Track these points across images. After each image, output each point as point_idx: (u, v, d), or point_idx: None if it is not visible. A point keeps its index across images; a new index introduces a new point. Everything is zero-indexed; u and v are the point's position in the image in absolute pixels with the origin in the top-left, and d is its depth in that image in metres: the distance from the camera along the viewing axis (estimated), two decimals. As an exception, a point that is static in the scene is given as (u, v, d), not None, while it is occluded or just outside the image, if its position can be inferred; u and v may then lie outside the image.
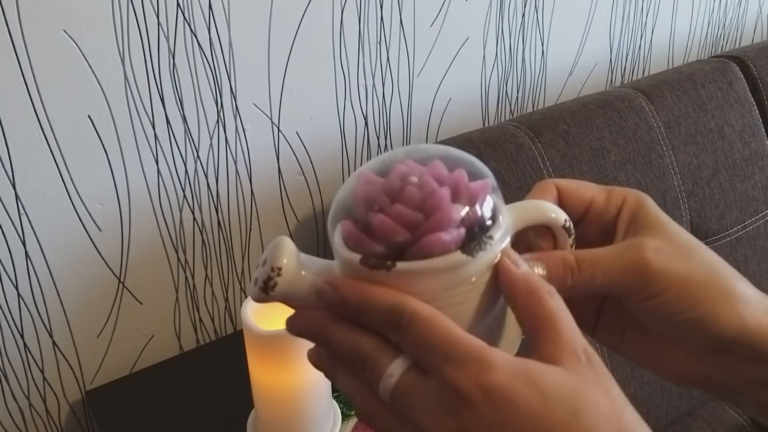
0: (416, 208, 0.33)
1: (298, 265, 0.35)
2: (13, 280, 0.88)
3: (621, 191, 0.39)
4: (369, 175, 0.36)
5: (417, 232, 0.33)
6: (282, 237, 0.37)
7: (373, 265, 0.33)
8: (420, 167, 0.35)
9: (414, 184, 0.34)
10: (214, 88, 0.91)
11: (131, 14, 0.82)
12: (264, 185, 1.01)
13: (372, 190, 0.35)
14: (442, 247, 0.33)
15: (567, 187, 0.39)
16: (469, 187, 0.35)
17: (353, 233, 0.34)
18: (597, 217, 0.38)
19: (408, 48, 1.04)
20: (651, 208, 0.38)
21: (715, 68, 1.15)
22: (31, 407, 0.97)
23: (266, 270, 0.35)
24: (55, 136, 0.84)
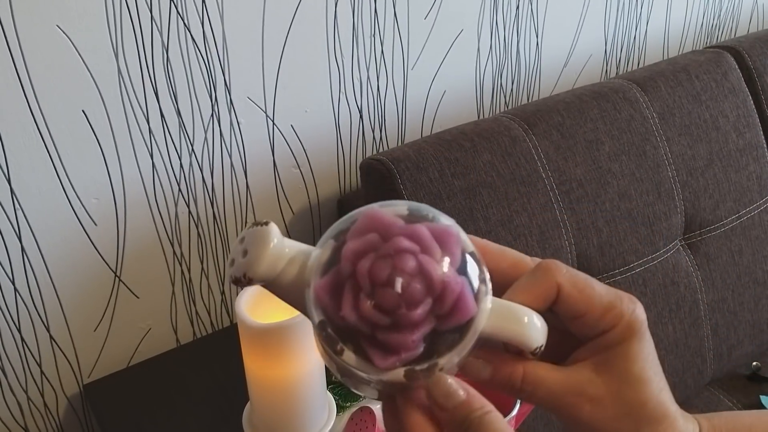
0: (387, 312, 0.32)
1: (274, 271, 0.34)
2: (9, 275, 0.89)
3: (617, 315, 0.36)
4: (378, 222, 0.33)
5: (377, 333, 0.32)
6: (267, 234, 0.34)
7: (324, 339, 0.33)
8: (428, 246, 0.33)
9: (399, 285, 0.32)
10: (208, 81, 0.91)
11: (124, 9, 0.82)
12: (259, 178, 1.01)
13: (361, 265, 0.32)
14: (388, 367, 0.32)
15: (568, 294, 0.36)
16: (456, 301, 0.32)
17: (323, 300, 0.33)
18: (582, 326, 0.37)
19: (402, 40, 1.04)
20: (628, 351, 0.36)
21: (710, 59, 1.15)
22: (30, 401, 0.98)
23: (240, 269, 0.34)
24: (50, 131, 0.84)
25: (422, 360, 0.32)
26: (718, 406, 1.13)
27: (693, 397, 1.13)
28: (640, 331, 0.36)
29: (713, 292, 1.10)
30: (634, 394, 0.36)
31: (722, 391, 1.15)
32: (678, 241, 1.09)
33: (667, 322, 1.05)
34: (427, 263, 0.32)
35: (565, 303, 0.36)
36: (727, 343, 1.12)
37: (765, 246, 1.17)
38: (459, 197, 0.90)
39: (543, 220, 0.95)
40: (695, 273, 1.09)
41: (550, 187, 0.96)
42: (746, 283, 1.13)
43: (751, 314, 1.14)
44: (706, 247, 1.10)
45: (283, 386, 0.72)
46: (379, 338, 0.32)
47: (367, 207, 0.34)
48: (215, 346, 1.01)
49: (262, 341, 0.70)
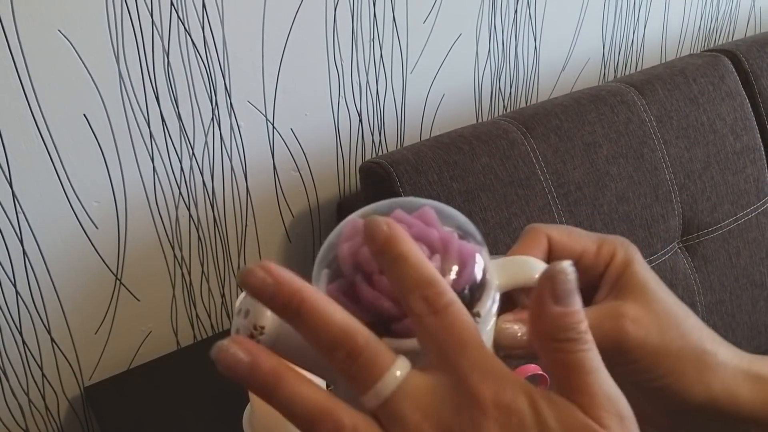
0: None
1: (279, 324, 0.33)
2: (11, 278, 0.89)
3: (611, 245, 0.38)
4: (359, 227, 0.33)
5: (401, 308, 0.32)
6: None
7: None
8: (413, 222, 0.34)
9: None
10: (208, 85, 0.92)
11: (125, 13, 0.83)
12: (259, 181, 1.01)
13: (362, 253, 0.33)
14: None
15: (558, 239, 0.38)
16: (460, 254, 0.33)
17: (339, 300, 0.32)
18: (584, 270, 0.37)
19: (401, 44, 1.05)
20: (638, 268, 0.37)
21: (707, 62, 1.16)
22: (31, 404, 0.98)
23: (248, 326, 0.33)
24: (51, 135, 0.84)
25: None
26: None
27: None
28: (637, 254, 0.37)
29: (711, 294, 1.10)
30: (664, 302, 0.36)
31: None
32: (676, 243, 1.09)
33: (665, 324, 1.05)
34: (421, 229, 0.33)
35: (560, 248, 0.37)
36: (725, 344, 1.12)
37: (762, 248, 1.17)
38: (458, 200, 0.90)
39: (541, 222, 0.96)
40: (693, 275, 1.09)
41: (548, 189, 0.97)
42: (744, 285, 1.14)
43: (748, 316, 1.15)
44: (703, 250, 1.11)
45: (284, 388, 0.73)
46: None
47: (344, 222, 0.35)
48: (215, 349, 1.02)
49: (262, 343, 0.70)
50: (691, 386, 0.35)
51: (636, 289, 0.36)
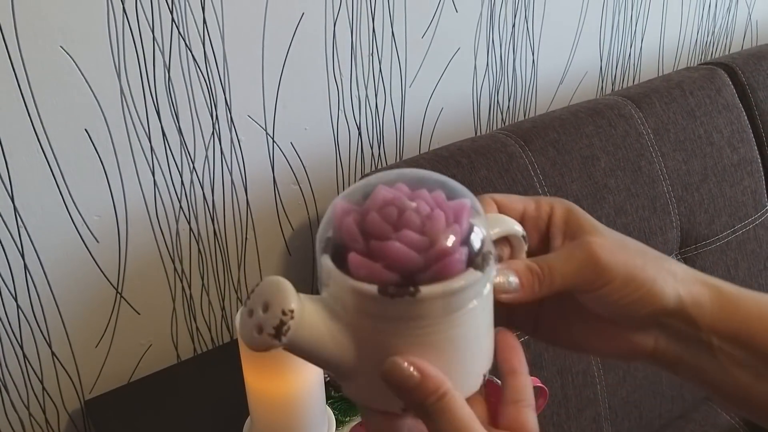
0: (420, 231, 0.33)
1: (304, 306, 0.33)
2: (12, 291, 0.90)
3: (547, 200, 0.42)
4: (349, 205, 0.35)
5: (428, 255, 0.33)
6: (277, 277, 0.34)
7: (395, 294, 0.33)
8: (400, 191, 0.35)
9: (410, 208, 0.34)
10: (209, 100, 0.93)
11: (126, 29, 0.84)
12: (259, 195, 1.02)
13: (368, 220, 0.34)
14: (459, 267, 0.34)
15: (501, 200, 0.42)
16: (453, 207, 0.35)
17: (364, 263, 0.33)
18: (530, 226, 0.42)
19: (400, 59, 1.06)
20: (580, 212, 0.42)
21: (704, 75, 1.17)
22: (31, 417, 0.98)
23: (275, 314, 0.32)
24: (53, 150, 0.85)
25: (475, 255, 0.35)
26: (716, 419, 1.13)
27: (691, 410, 1.14)
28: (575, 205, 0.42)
29: (710, 305, 1.10)
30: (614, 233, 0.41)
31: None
32: (674, 255, 1.10)
33: (664, 336, 1.05)
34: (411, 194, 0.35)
35: (505, 208, 0.41)
36: (724, 356, 1.12)
37: (760, 260, 1.18)
38: (456, 213, 0.91)
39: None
40: (691, 287, 1.09)
41: (546, 202, 0.97)
42: (742, 296, 1.14)
43: (747, 328, 1.15)
44: (702, 262, 1.11)
45: (284, 401, 0.73)
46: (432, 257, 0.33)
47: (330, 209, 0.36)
48: (216, 362, 1.02)
49: (262, 356, 0.71)
50: (661, 292, 0.39)
51: (587, 226, 0.41)
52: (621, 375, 1.02)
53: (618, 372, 1.02)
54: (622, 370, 1.02)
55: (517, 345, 0.40)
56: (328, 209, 0.36)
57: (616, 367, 1.02)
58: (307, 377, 0.72)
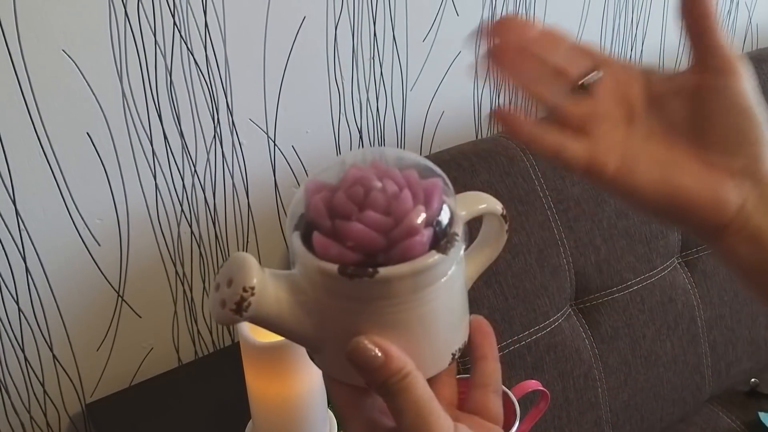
0: (384, 213, 0.34)
1: (267, 282, 0.35)
2: (13, 294, 0.90)
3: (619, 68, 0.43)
4: (321, 183, 0.36)
5: (391, 236, 0.33)
6: (242, 253, 0.35)
7: (353, 274, 0.33)
8: (372, 170, 0.36)
9: (377, 188, 0.34)
10: (210, 104, 0.93)
11: (128, 33, 0.84)
12: (260, 198, 1.02)
13: (335, 199, 0.35)
14: (421, 249, 0.34)
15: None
16: (424, 186, 0.35)
17: (326, 243, 0.34)
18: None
19: (401, 62, 1.06)
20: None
21: (704, 79, 1.16)
22: (32, 420, 0.98)
23: (236, 290, 0.34)
24: (55, 153, 0.85)
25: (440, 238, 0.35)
26: (717, 422, 1.13)
27: (692, 414, 1.14)
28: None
29: (711, 309, 1.11)
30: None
31: (721, 408, 1.16)
32: (675, 258, 1.10)
33: (665, 339, 1.05)
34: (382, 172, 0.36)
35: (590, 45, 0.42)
36: (725, 359, 1.12)
37: (761, 263, 1.17)
38: (458, 216, 0.91)
39: (541, 238, 0.96)
40: (693, 290, 1.09)
41: (547, 205, 0.98)
42: (743, 300, 1.14)
43: (748, 331, 1.15)
44: (703, 265, 1.11)
45: (285, 404, 0.73)
46: (395, 238, 0.33)
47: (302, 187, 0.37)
48: (217, 365, 1.02)
49: (264, 359, 0.71)
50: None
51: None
52: (622, 378, 1.02)
53: (619, 375, 1.02)
54: (624, 374, 1.02)
55: (490, 332, 0.40)
56: (300, 187, 0.37)
57: (618, 371, 1.02)
58: (309, 380, 0.72)
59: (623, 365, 1.02)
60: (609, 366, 1.01)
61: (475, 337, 0.39)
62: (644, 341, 1.04)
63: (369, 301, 0.34)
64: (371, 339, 0.34)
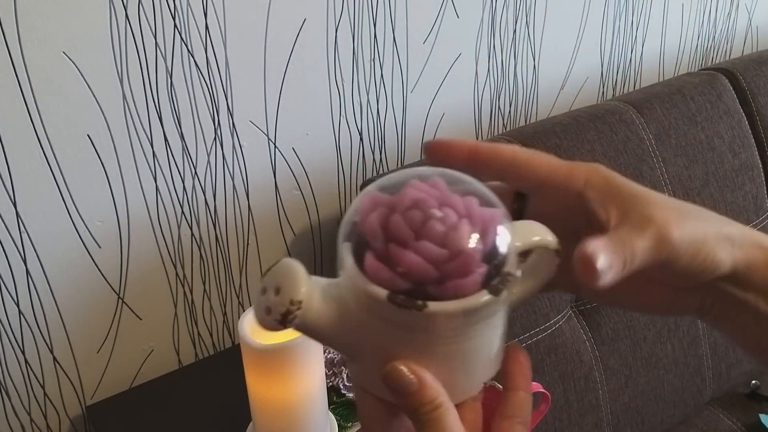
0: (440, 244, 0.33)
1: (313, 295, 0.34)
2: (14, 296, 0.90)
3: (583, 169, 0.39)
4: (378, 198, 0.35)
5: (444, 269, 0.33)
6: (293, 262, 0.35)
7: (402, 304, 0.32)
8: (431, 191, 0.35)
9: (435, 217, 0.33)
10: (211, 106, 0.93)
11: (129, 35, 0.84)
12: (261, 201, 1.02)
13: (392, 221, 0.34)
14: (474, 288, 0.33)
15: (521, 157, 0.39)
16: (483, 218, 0.34)
17: (378, 268, 0.33)
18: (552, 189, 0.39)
19: (401, 65, 1.06)
20: (623, 182, 0.38)
21: (705, 81, 1.17)
22: (32, 422, 0.98)
23: (283, 302, 0.34)
24: (55, 155, 0.85)
25: (492, 276, 0.34)
26: (717, 424, 1.13)
27: (693, 416, 1.14)
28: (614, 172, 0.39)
29: (711, 311, 1.10)
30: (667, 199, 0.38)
31: (722, 410, 1.15)
32: (675, 260, 1.10)
33: (666, 341, 1.05)
34: (441, 197, 0.34)
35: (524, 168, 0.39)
36: (726, 361, 1.12)
37: (762, 265, 1.17)
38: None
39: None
40: (693, 292, 1.09)
41: (548, 207, 0.97)
42: (744, 302, 1.14)
43: (749, 333, 1.15)
44: (703, 267, 1.11)
45: (286, 406, 0.73)
46: (448, 272, 0.33)
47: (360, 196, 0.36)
48: (217, 367, 1.02)
49: (264, 362, 0.71)
50: (721, 261, 0.38)
51: (639, 198, 0.37)
52: (623, 380, 1.02)
53: (620, 377, 1.02)
54: (624, 376, 1.02)
55: (525, 362, 0.39)
56: (358, 196, 0.36)
57: (618, 373, 1.02)
58: (310, 383, 0.72)
59: (624, 367, 1.02)
60: (610, 368, 1.01)
61: (509, 366, 0.38)
62: (645, 343, 1.03)
63: (412, 330, 0.34)
64: (408, 365, 0.34)
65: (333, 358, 0.85)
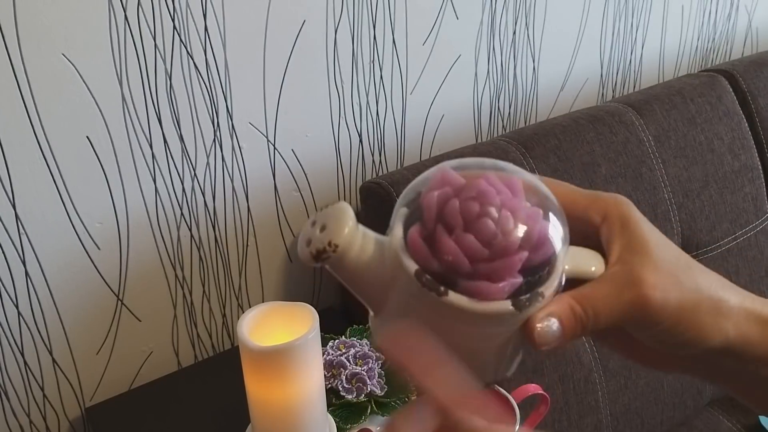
0: (485, 243, 0.33)
1: (353, 244, 0.35)
2: (13, 298, 0.90)
3: (603, 202, 0.38)
4: (450, 177, 0.35)
5: (478, 267, 0.33)
6: (346, 208, 0.36)
7: (425, 284, 0.33)
8: (502, 189, 0.34)
9: (491, 216, 0.33)
10: (210, 108, 0.93)
11: (128, 37, 0.84)
12: (260, 202, 1.02)
13: (449, 205, 0.34)
14: (498, 296, 0.33)
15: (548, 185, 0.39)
16: (541, 231, 0.34)
17: (418, 244, 0.34)
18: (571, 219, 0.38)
19: (401, 66, 1.06)
20: (638, 226, 0.37)
21: (704, 82, 1.17)
22: (32, 424, 0.98)
23: (323, 240, 0.35)
24: (55, 157, 0.85)
25: (524, 290, 0.34)
26: (718, 426, 1.13)
27: (693, 417, 1.14)
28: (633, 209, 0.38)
29: (711, 312, 1.10)
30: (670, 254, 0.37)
31: (722, 412, 1.15)
32: (675, 262, 1.09)
33: (665, 342, 1.05)
34: (509, 199, 0.34)
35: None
36: (725, 363, 1.12)
37: (762, 267, 1.18)
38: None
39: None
40: (693, 294, 1.09)
41: (547, 209, 0.97)
42: (744, 303, 1.14)
43: (749, 335, 1.15)
44: (703, 268, 1.11)
45: (284, 408, 0.73)
46: (481, 270, 0.33)
47: (434, 169, 0.36)
48: (216, 369, 1.02)
49: (263, 364, 0.71)
50: (709, 335, 0.36)
51: (643, 247, 0.37)
52: (622, 382, 1.02)
53: (619, 379, 1.02)
54: (624, 377, 1.02)
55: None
56: (433, 168, 0.36)
57: (618, 375, 1.02)
58: (308, 385, 0.72)
59: (623, 369, 1.02)
60: (609, 369, 1.01)
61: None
62: (644, 345, 1.03)
63: (429, 309, 0.34)
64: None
65: (332, 359, 0.85)
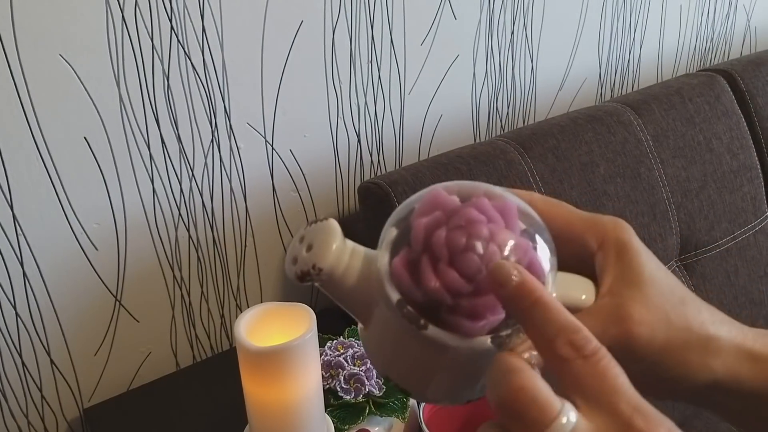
0: (468, 278, 0.32)
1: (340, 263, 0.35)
2: (11, 299, 0.90)
3: (602, 227, 0.37)
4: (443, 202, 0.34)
5: (459, 302, 0.32)
6: (332, 227, 0.35)
7: (405, 315, 0.33)
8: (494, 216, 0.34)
9: (476, 251, 0.32)
10: (208, 108, 0.93)
11: (126, 37, 0.84)
12: (258, 202, 1.02)
13: (435, 235, 0.33)
14: (478, 332, 0.33)
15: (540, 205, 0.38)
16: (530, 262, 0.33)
17: (402, 274, 0.33)
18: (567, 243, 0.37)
19: (399, 66, 1.06)
20: (634, 254, 0.36)
21: (703, 82, 1.17)
22: (30, 425, 0.98)
23: (307, 262, 0.34)
24: (52, 158, 0.85)
25: (506, 325, 0.33)
26: (717, 426, 1.13)
27: (692, 417, 1.13)
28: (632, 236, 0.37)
29: (710, 312, 1.10)
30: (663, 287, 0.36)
31: (721, 412, 1.15)
32: (674, 261, 1.09)
33: (664, 342, 1.05)
34: (498, 230, 0.33)
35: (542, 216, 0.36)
36: (724, 363, 1.12)
37: (760, 266, 1.17)
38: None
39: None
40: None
41: (546, 209, 0.97)
42: (742, 303, 1.14)
43: (748, 334, 1.15)
44: (702, 268, 1.11)
45: (282, 409, 0.73)
46: (462, 306, 0.32)
47: (427, 190, 0.35)
48: (215, 370, 1.02)
49: (261, 364, 0.71)
50: (695, 373, 0.36)
51: (635, 281, 0.36)
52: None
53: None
54: (623, 377, 1.02)
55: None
56: (428, 188, 0.35)
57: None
58: (306, 385, 0.72)
59: (622, 369, 1.02)
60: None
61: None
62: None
63: (408, 338, 0.34)
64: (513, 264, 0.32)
65: (330, 360, 0.85)
